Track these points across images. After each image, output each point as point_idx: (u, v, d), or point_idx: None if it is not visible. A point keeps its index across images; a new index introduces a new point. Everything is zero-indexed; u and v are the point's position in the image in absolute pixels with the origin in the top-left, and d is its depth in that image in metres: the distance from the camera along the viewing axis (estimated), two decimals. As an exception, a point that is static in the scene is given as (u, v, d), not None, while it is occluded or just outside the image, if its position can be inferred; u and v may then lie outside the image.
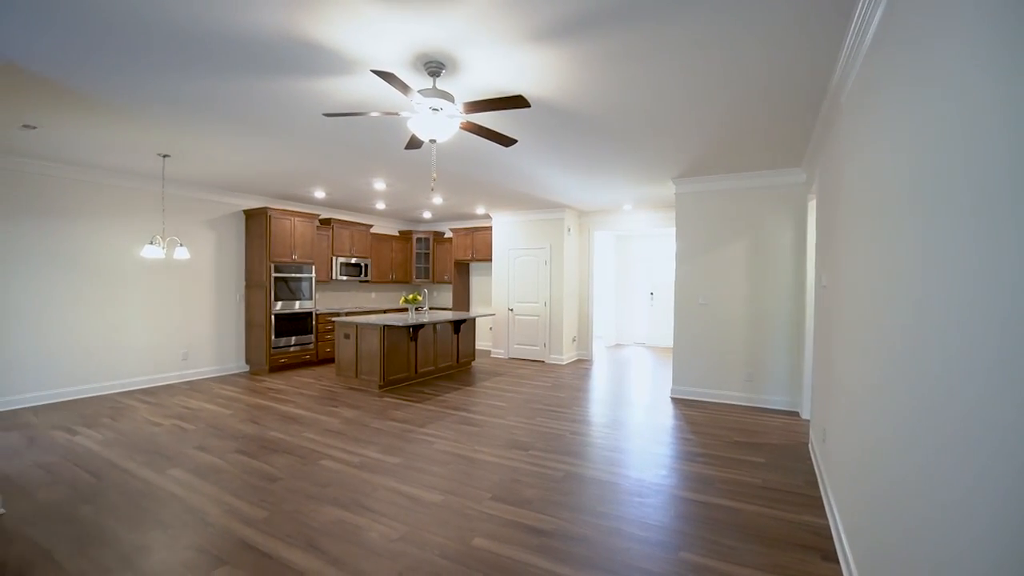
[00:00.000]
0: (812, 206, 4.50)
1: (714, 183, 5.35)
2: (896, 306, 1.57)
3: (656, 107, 3.25)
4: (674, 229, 7.53)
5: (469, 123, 2.81)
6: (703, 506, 2.85)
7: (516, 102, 2.42)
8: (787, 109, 3.26)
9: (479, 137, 3.92)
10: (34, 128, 3.88)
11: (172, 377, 6.08)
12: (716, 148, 4.25)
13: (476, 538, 2.47)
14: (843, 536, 2.28)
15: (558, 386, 6.08)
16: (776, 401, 5.07)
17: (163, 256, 5.21)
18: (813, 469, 3.41)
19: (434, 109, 2.59)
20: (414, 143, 3.08)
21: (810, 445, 3.80)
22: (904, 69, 1.56)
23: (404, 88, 2.33)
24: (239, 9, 2.12)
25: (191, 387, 5.85)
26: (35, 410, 4.75)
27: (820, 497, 2.96)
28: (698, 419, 4.66)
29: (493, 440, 3.98)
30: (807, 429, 4.31)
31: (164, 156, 4.72)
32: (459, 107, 2.63)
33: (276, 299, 6.67)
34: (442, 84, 2.83)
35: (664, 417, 4.73)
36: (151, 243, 4.89)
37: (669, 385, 6.12)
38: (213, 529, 2.53)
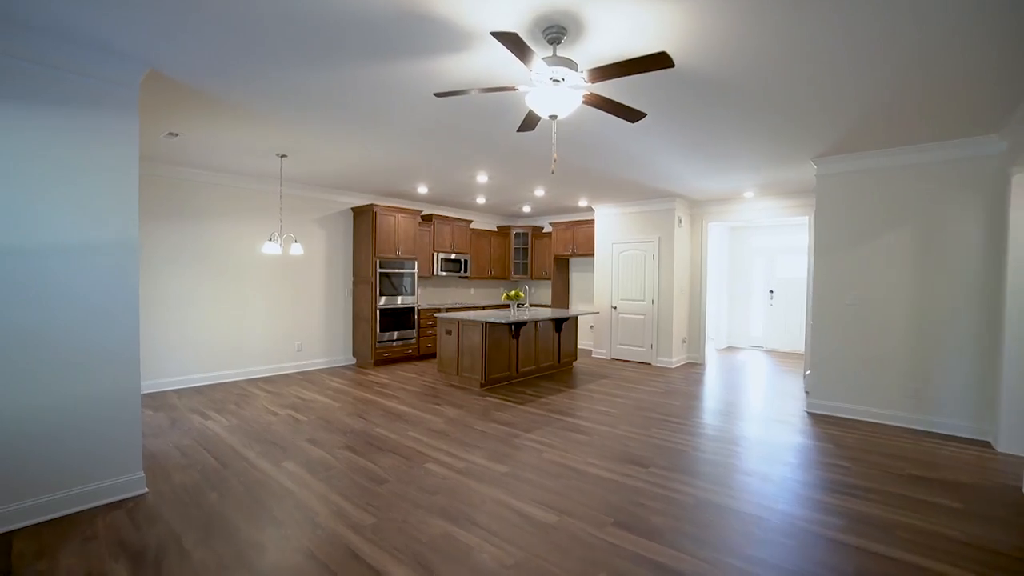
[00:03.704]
0: (1017, 181, 3.55)
1: (868, 160, 4.47)
2: None
3: (807, 66, 2.65)
4: (801, 219, 6.62)
5: (593, 95, 2.45)
6: (887, 562, 2.25)
7: (656, 61, 2.01)
8: (983, 59, 2.50)
9: (587, 120, 3.57)
10: (176, 135, 4.18)
11: (288, 367, 6.44)
12: (877, 117, 3.48)
13: (602, 574, 2.12)
14: None
15: (670, 392, 5.52)
16: (955, 426, 4.12)
17: (280, 252, 5.49)
18: (1036, 523, 2.62)
19: (555, 80, 2.27)
20: (529, 122, 2.79)
21: None
22: None
23: (525, 53, 2.03)
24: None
25: (304, 377, 6.14)
26: (178, 393, 5.22)
27: (1062, 567, 2.22)
28: (849, 441, 3.91)
29: (606, 452, 3.60)
30: (1009, 467, 3.40)
31: (282, 156, 4.92)
32: (583, 75, 2.28)
33: (380, 294, 6.82)
34: (563, 53, 2.51)
35: (803, 436, 4.03)
36: (270, 240, 5.15)
37: (798, 396, 5.33)
38: (322, 532, 2.45)
